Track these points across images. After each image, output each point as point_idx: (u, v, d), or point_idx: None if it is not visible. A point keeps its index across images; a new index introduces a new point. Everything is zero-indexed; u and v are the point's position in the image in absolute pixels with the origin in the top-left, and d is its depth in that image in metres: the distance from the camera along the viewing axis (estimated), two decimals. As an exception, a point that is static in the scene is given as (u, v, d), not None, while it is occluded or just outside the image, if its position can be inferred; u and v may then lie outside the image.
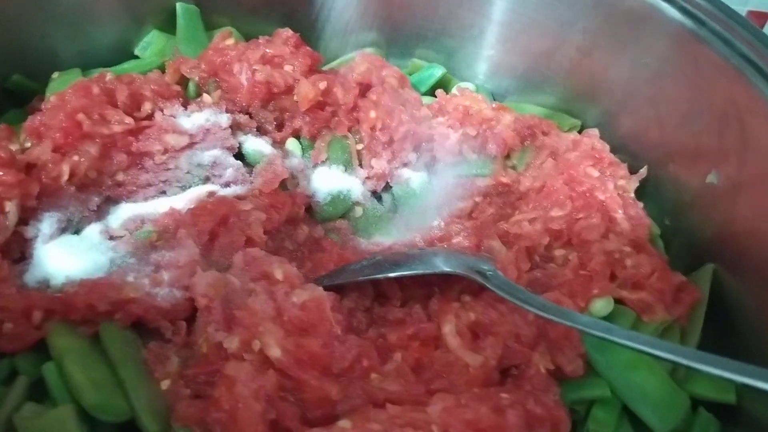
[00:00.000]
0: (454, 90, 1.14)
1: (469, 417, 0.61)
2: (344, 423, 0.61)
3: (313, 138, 1.03)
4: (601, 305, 0.82)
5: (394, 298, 0.82)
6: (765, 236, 0.83)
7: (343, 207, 1.01)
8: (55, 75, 1.00)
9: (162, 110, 0.91)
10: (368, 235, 1.00)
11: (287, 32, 1.02)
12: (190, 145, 0.90)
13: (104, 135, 0.85)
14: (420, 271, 0.77)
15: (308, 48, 1.03)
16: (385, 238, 0.98)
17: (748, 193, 0.86)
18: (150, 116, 0.91)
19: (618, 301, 0.85)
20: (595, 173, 0.95)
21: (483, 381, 0.70)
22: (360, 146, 1.04)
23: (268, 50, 1.00)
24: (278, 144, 1.01)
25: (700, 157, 0.94)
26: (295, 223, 0.96)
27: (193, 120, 0.91)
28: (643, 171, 0.99)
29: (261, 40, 1.02)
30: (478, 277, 0.74)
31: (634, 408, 0.76)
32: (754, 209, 0.85)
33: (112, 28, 1.08)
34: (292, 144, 1.02)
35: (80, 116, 0.84)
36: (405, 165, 1.05)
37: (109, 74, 0.92)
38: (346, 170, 1.03)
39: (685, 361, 0.57)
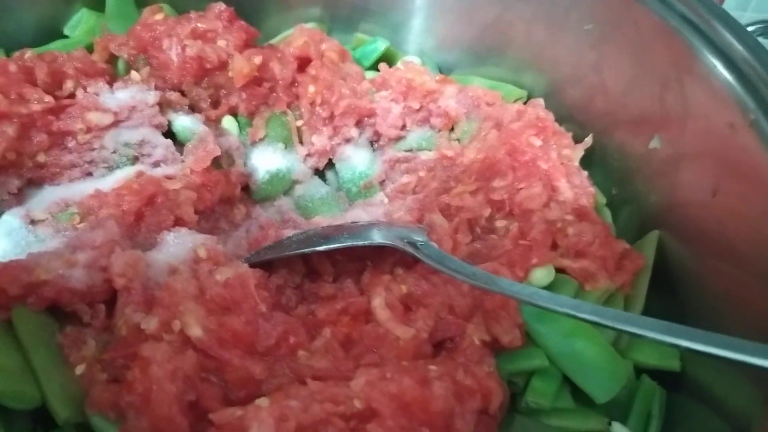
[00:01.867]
0: (399, 64, 1.11)
1: (393, 390, 0.59)
2: (261, 401, 0.58)
3: (251, 115, 0.99)
4: (542, 274, 0.80)
5: (326, 273, 0.79)
6: (705, 201, 0.81)
7: (282, 185, 0.98)
8: (-22, 56, 0.96)
9: (85, 88, 0.87)
10: (310, 213, 0.97)
11: (220, 6, 0.98)
12: (115, 124, 0.86)
13: (22, 114, 0.81)
14: (349, 244, 0.74)
15: (243, 22, 1.00)
16: (328, 216, 0.95)
17: (689, 157, 0.85)
18: (72, 95, 0.87)
19: (561, 271, 0.83)
20: (538, 142, 0.93)
21: (414, 354, 0.68)
22: (300, 122, 1.01)
23: (199, 25, 0.96)
24: (214, 122, 0.97)
25: (643, 123, 0.92)
26: (231, 202, 0.93)
27: (117, 97, 0.87)
28: (588, 140, 0.97)
29: (192, 14, 0.98)
30: (409, 248, 0.72)
31: (573, 378, 0.74)
32: (694, 174, 0.84)
33: (39, 8, 1.03)
34: (228, 122, 0.98)
35: (-4, 95, 0.80)
36: (347, 141, 1.03)
37: (29, 52, 0.88)
38: (285, 148, 1.00)
39: (610, 323, 0.55)
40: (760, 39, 0.89)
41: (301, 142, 1.02)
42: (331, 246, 0.74)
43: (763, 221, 0.72)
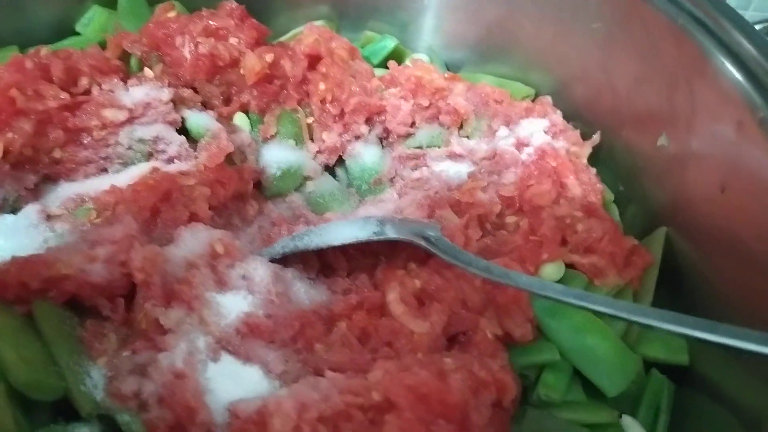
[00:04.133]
0: (407, 62, 1.12)
1: (410, 382, 0.60)
2: (281, 391, 0.60)
3: (262, 112, 1.00)
4: (552, 270, 0.81)
5: (340, 268, 0.80)
6: (713, 198, 0.82)
7: (293, 182, 0.99)
8: (-8, 53, 0.97)
9: (100, 85, 0.88)
10: (321, 209, 0.98)
11: (232, 4, 0.99)
12: (130, 120, 0.87)
13: (39, 111, 0.82)
14: (364, 238, 0.75)
15: (254, 20, 1.01)
16: (338, 212, 0.96)
17: (697, 155, 0.86)
18: (87, 91, 0.87)
19: (570, 266, 0.84)
20: (547, 139, 0.94)
21: (428, 347, 0.69)
22: (311, 120, 1.02)
23: (211, 23, 0.97)
24: (226, 119, 0.98)
25: (651, 121, 0.93)
26: (244, 199, 0.93)
27: (132, 94, 0.88)
28: (596, 137, 0.99)
29: (204, 12, 0.99)
30: (423, 243, 0.73)
31: (584, 371, 0.76)
32: (702, 171, 0.85)
33: (51, 5, 1.04)
34: (240, 119, 0.99)
35: (13, 92, 0.81)
36: (357, 138, 1.04)
37: (44, 50, 0.89)
38: (296, 144, 1.01)
39: (622, 314, 0.57)
40: None
41: (311, 139, 1.03)
42: (348, 240, 0.75)
43: (770, 217, 0.73)
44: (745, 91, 0.77)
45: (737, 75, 0.78)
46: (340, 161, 1.05)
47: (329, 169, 1.06)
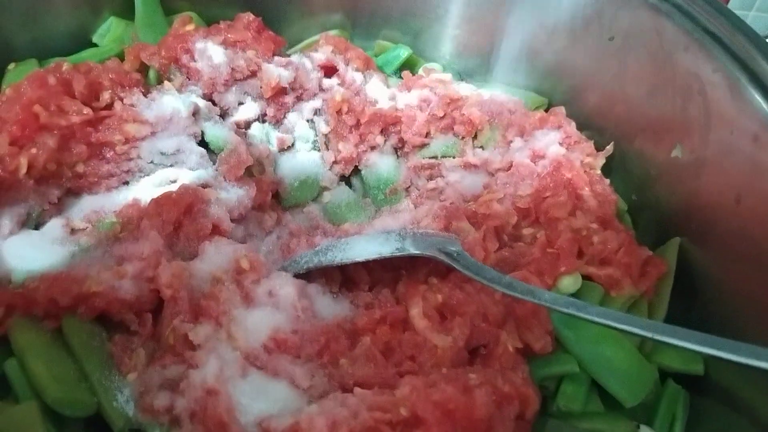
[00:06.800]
0: (420, 71, 1.13)
1: (437, 398, 0.61)
2: (312, 408, 0.61)
3: (279, 123, 1.02)
4: (569, 282, 0.82)
5: (362, 282, 0.81)
6: (728, 208, 0.83)
7: (311, 192, 1.00)
8: (11, 66, 0.98)
9: (122, 99, 0.89)
10: (338, 219, 0.99)
11: (249, 16, 1.01)
12: (152, 134, 0.88)
13: (62, 126, 0.83)
14: (387, 254, 0.76)
15: (270, 32, 1.02)
16: (356, 224, 0.97)
17: (711, 165, 0.87)
18: (109, 105, 0.88)
19: (586, 278, 0.85)
20: (562, 151, 0.95)
21: (451, 361, 0.70)
22: (327, 130, 1.03)
23: (229, 35, 0.98)
24: (243, 130, 0.99)
25: (664, 132, 0.94)
26: (263, 209, 0.95)
27: (153, 108, 0.89)
28: (610, 148, 1.00)
29: (222, 25, 1.00)
30: (446, 258, 0.74)
31: (602, 382, 0.77)
32: (717, 182, 0.86)
33: (68, 16, 1.05)
34: (257, 129, 1.00)
35: (37, 108, 0.81)
36: (373, 148, 1.05)
37: (65, 64, 0.89)
38: (313, 155, 1.02)
39: (645, 333, 0.58)
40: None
41: (327, 149, 1.04)
42: (371, 256, 0.76)
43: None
44: (761, 106, 0.78)
45: (753, 91, 0.79)
46: (356, 171, 1.06)
47: (345, 179, 1.07)
